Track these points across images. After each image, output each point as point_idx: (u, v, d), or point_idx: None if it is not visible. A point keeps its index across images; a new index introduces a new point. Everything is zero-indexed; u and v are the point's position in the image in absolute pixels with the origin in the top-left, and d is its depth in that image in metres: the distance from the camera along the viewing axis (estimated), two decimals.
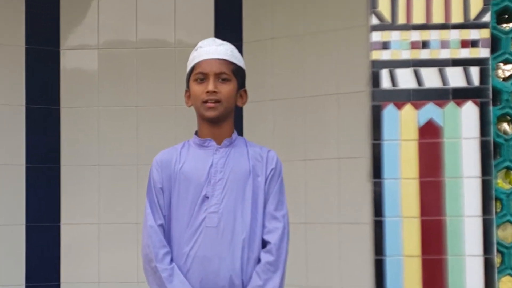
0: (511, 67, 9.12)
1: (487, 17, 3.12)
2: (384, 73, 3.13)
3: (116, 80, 4.42)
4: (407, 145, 3.10)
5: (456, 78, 3.11)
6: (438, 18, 3.13)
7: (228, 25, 4.33)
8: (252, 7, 4.31)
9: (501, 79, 3.49)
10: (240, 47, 4.13)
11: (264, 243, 2.67)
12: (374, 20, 3.15)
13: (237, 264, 2.63)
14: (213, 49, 2.71)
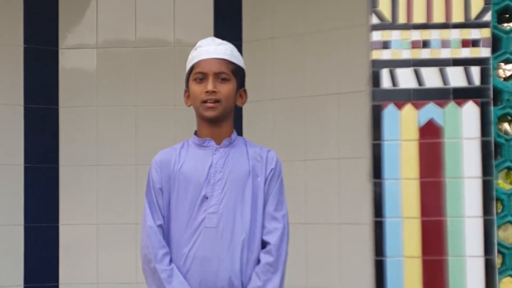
0: None
1: (488, 17, 3.12)
2: (385, 73, 3.12)
3: (115, 80, 4.41)
4: (407, 145, 3.09)
5: (456, 78, 3.10)
6: (438, 17, 3.13)
7: (228, 24, 4.32)
8: (252, 6, 4.30)
9: (502, 79, 3.49)
10: (239, 46, 4.12)
11: (264, 244, 2.66)
12: (375, 20, 3.14)
13: (237, 265, 2.62)
14: (212, 48, 2.70)
